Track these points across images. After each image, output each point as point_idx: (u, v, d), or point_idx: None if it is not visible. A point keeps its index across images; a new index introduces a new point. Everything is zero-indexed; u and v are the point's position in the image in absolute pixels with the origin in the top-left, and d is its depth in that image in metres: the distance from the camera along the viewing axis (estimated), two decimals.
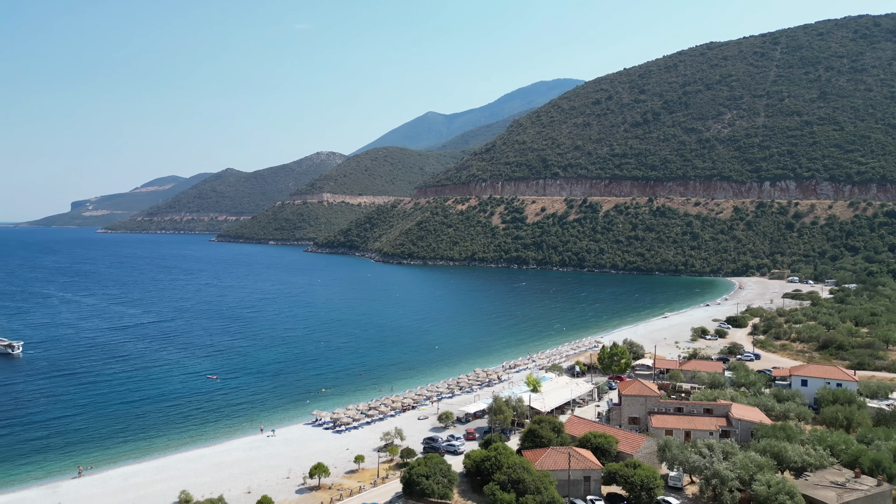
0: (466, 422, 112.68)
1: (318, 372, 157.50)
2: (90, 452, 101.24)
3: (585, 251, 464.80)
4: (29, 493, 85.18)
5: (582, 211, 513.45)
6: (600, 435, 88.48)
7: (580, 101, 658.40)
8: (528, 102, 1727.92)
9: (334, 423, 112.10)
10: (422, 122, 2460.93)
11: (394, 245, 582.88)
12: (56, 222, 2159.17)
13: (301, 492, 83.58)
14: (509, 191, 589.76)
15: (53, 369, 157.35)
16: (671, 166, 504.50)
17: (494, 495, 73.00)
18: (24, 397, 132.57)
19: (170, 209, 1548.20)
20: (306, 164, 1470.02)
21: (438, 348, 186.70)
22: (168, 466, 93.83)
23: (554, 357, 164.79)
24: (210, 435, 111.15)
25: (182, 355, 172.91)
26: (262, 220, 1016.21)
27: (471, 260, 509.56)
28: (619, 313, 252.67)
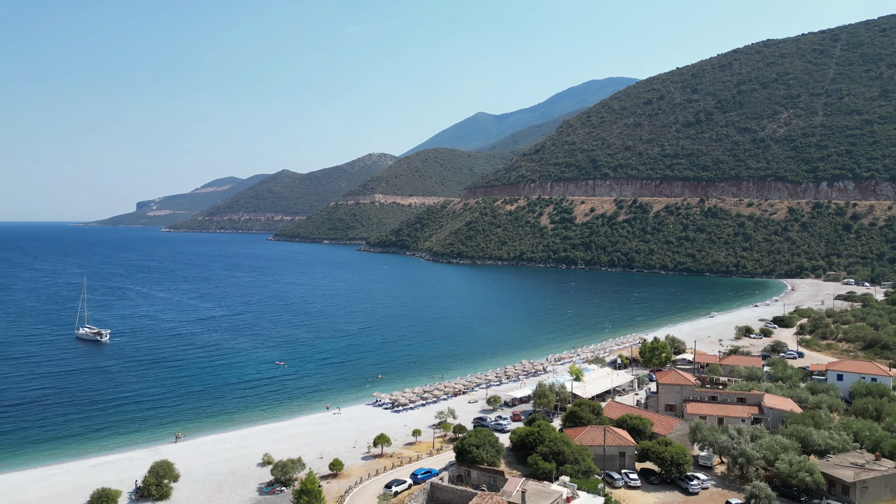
0: (513, 405, 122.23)
1: (376, 361, 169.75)
2: (182, 424, 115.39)
3: (635, 252, 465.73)
4: (136, 453, 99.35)
5: (632, 211, 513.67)
6: (636, 417, 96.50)
7: (631, 101, 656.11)
8: (578, 102, 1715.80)
9: (393, 404, 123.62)
10: (472, 122, 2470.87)
11: (443, 245, 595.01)
12: (123, 221, 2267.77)
13: (366, 458, 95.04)
14: (558, 191, 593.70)
15: (138, 355, 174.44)
16: (724, 166, 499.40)
17: (537, 464, 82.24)
18: (118, 378, 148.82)
19: (228, 209, 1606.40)
20: (358, 166, 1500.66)
21: (486, 342, 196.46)
22: (250, 435, 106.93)
23: (598, 351, 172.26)
24: (283, 412, 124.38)
25: (253, 345, 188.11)
26: (317, 220, 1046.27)
27: (519, 260, 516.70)
28: (664, 312, 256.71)
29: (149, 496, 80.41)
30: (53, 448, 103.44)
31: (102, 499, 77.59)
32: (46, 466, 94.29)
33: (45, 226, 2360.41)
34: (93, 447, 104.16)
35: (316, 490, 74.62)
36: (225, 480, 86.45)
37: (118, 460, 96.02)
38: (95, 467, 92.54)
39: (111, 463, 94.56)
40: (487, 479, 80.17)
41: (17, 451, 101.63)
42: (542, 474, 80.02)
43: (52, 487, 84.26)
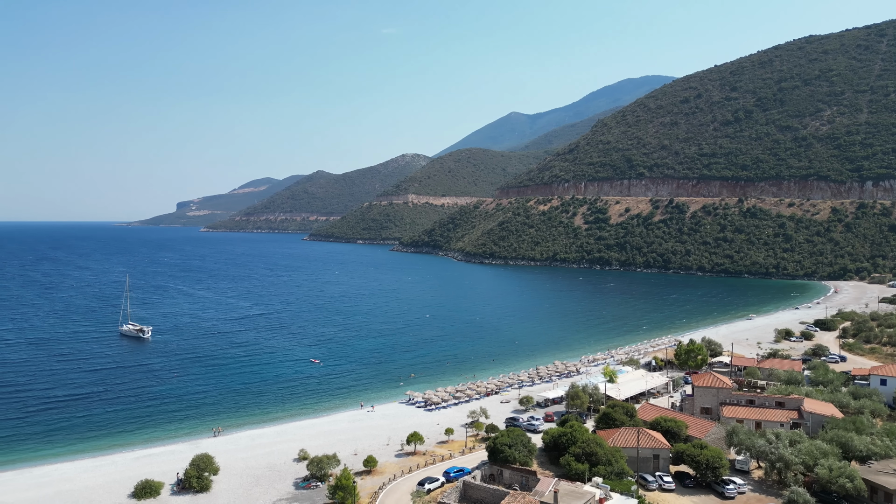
0: (545, 406, 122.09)
1: (409, 360, 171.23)
2: (221, 419, 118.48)
3: (671, 252, 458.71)
4: (177, 446, 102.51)
5: (668, 211, 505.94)
6: (670, 419, 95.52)
7: (667, 99, 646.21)
8: (613, 101, 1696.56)
9: (426, 403, 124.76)
10: (505, 122, 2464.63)
11: (476, 245, 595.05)
12: (163, 221, 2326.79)
13: (399, 456, 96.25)
14: (592, 191, 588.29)
15: (179, 352, 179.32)
16: (764, 166, 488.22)
17: (569, 465, 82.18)
18: (160, 374, 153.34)
19: (265, 209, 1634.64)
20: (392, 166, 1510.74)
21: (519, 343, 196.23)
22: (286, 431, 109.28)
23: (632, 353, 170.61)
24: (318, 409, 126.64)
25: (290, 343, 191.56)
26: (351, 220, 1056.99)
27: (552, 260, 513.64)
28: (701, 314, 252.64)
29: (190, 488, 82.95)
30: (100, 440, 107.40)
31: (146, 490, 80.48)
32: (93, 458, 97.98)
33: (91, 225, 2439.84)
34: (137, 440, 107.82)
35: (350, 486, 76.06)
36: (262, 474, 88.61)
37: (161, 453, 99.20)
38: (139, 459, 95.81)
39: (154, 455, 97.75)
40: (520, 479, 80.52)
41: (67, 443, 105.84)
42: (575, 475, 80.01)
43: (99, 478, 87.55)
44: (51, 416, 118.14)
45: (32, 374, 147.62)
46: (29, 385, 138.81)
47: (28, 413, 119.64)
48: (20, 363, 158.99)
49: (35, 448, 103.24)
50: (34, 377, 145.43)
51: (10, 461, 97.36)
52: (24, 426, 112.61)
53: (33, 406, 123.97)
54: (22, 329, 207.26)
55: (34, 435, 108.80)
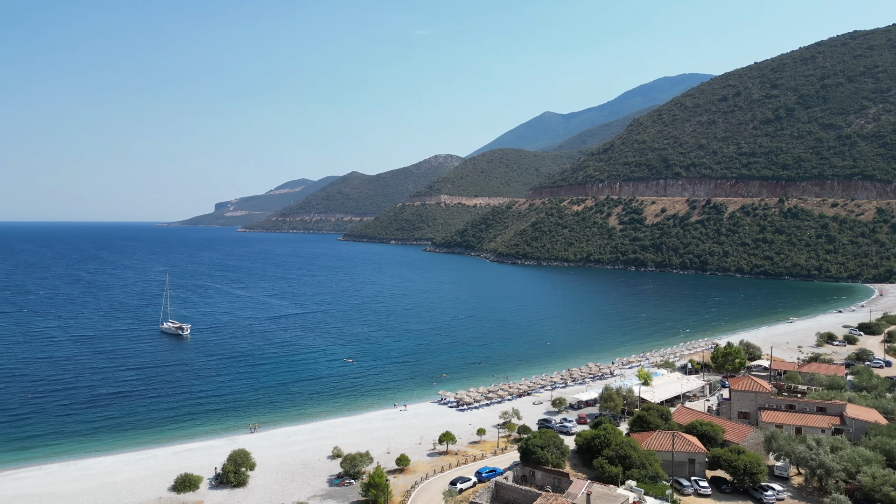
0: (578, 408, 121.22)
1: (442, 360, 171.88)
2: (257, 416, 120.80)
3: (708, 254, 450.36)
4: (215, 442, 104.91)
5: (705, 212, 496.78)
6: (707, 423, 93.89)
7: (705, 97, 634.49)
8: (649, 100, 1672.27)
9: (458, 403, 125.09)
10: (538, 122, 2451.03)
11: (508, 245, 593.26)
12: (202, 222, 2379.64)
13: (431, 455, 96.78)
14: (627, 191, 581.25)
15: (217, 349, 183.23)
16: (805, 165, 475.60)
17: (603, 467, 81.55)
18: (198, 371, 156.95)
19: (300, 210, 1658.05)
20: (425, 167, 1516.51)
21: (552, 344, 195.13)
22: (320, 429, 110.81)
23: (668, 356, 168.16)
24: (352, 407, 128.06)
25: (325, 343, 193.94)
26: (384, 221, 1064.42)
27: (586, 261, 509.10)
28: (739, 317, 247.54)
29: (227, 483, 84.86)
30: (141, 435, 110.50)
31: (186, 483, 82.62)
32: (135, 452, 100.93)
33: (134, 226, 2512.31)
34: (176, 435, 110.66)
35: (383, 484, 76.81)
36: (297, 471, 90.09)
37: (199, 448, 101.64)
38: (179, 454, 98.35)
39: (193, 450, 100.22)
40: (552, 481, 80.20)
41: (110, 437, 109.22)
42: (608, 478, 79.38)
43: (141, 471, 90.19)
44: (95, 412, 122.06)
45: (78, 371, 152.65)
46: (75, 381, 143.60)
47: (74, 408, 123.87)
48: (66, 360, 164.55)
49: (80, 441, 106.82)
50: (80, 373, 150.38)
51: (56, 453, 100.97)
52: (69, 421, 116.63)
53: (79, 401, 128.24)
54: (68, 326, 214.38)
55: (79, 429, 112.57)
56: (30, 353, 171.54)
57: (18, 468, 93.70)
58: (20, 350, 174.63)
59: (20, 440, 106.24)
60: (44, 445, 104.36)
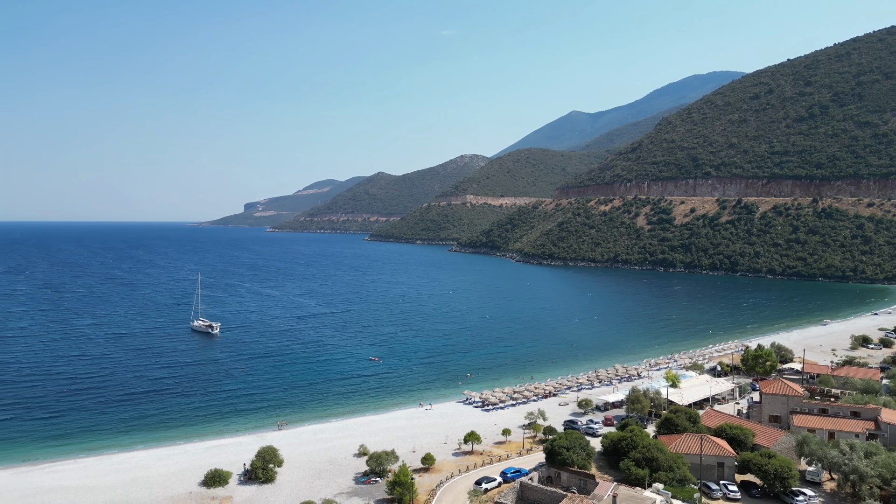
0: (605, 410, 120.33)
1: (467, 360, 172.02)
2: (285, 414, 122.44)
3: (739, 254, 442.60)
4: (244, 438, 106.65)
5: (736, 212, 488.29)
6: (736, 426, 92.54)
7: (736, 95, 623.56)
8: (678, 98, 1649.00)
9: (483, 403, 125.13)
10: (565, 121, 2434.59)
11: (534, 245, 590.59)
12: (232, 222, 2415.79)
13: (457, 455, 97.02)
14: (656, 191, 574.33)
15: (246, 347, 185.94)
16: (840, 164, 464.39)
17: (629, 470, 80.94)
18: (227, 369, 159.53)
19: (328, 210, 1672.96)
20: (451, 167, 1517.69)
21: (578, 345, 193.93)
22: (347, 427, 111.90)
23: (696, 357, 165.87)
24: (378, 406, 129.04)
25: (352, 342, 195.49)
26: (410, 221, 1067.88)
27: (613, 261, 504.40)
28: (771, 319, 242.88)
29: (256, 479, 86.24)
30: (173, 431, 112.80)
31: (216, 479, 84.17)
32: (167, 447, 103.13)
33: (166, 226, 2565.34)
34: (206, 431, 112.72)
35: (409, 482, 77.30)
36: (324, 468, 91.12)
37: (228, 444, 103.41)
38: (209, 449, 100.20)
39: (223, 446, 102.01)
40: (578, 482, 79.87)
41: (143, 433, 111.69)
42: (635, 480, 78.78)
43: (172, 466, 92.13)
44: (128, 408, 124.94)
45: (112, 368, 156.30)
46: (109, 378, 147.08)
47: (108, 404, 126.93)
48: (101, 357, 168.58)
49: (114, 437, 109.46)
50: (114, 371, 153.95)
51: (91, 448, 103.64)
52: (104, 416, 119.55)
53: (113, 398, 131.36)
54: (103, 324, 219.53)
55: (113, 425, 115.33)
56: (66, 350, 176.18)
57: (55, 461, 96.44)
58: (57, 347, 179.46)
59: (57, 435, 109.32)
60: (79, 440, 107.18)
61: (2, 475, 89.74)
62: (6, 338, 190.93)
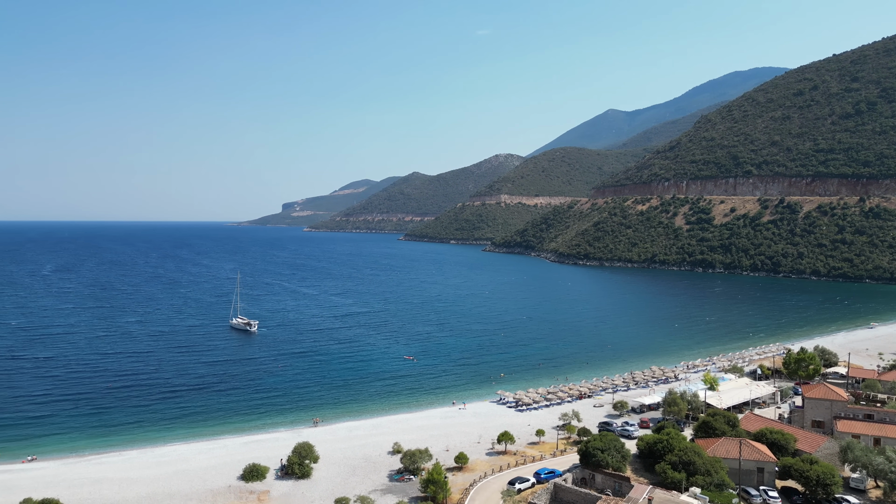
0: (641, 412, 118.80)
1: (501, 360, 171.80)
2: (320, 410, 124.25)
3: (781, 255, 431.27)
4: (281, 434, 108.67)
5: (778, 212, 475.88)
6: (777, 431, 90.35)
7: (779, 92, 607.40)
8: (719, 95, 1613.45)
9: (517, 403, 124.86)
10: (601, 120, 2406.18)
11: (569, 245, 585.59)
12: (270, 221, 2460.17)
13: (490, 454, 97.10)
14: (694, 190, 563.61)
15: (283, 345, 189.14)
16: (889, 162, 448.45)
17: (665, 473, 79.77)
18: (264, 365, 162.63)
19: (363, 210, 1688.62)
20: (485, 167, 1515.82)
21: (614, 346, 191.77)
22: (381, 425, 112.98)
23: (736, 360, 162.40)
24: (412, 404, 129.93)
25: (387, 341, 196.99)
26: (444, 221, 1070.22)
27: (650, 262, 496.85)
28: (815, 321, 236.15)
29: (292, 474, 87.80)
30: (212, 426, 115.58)
31: (253, 473, 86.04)
32: (207, 441, 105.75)
33: (207, 225, 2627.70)
34: (245, 426, 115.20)
35: (442, 481, 77.67)
36: (358, 465, 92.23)
37: (266, 439, 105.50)
38: (247, 444, 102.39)
39: (260, 441, 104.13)
40: (612, 484, 79.14)
41: (184, 427, 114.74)
42: (671, 483, 77.64)
43: (212, 460, 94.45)
44: (170, 402, 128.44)
45: (155, 364, 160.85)
46: (152, 374, 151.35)
47: (151, 399, 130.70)
48: (144, 353, 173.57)
49: (156, 430, 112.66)
50: (157, 367, 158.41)
51: (135, 441, 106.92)
52: (147, 411, 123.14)
53: (155, 393, 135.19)
54: (146, 322, 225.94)
55: (156, 418, 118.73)
56: (111, 346, 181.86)
57: (100, 454, 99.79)
58: (102, 344, 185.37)
59: (103, 428, 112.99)
60: (124, 434, 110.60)
61: (51, 466, 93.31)
62: (55, 334, 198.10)
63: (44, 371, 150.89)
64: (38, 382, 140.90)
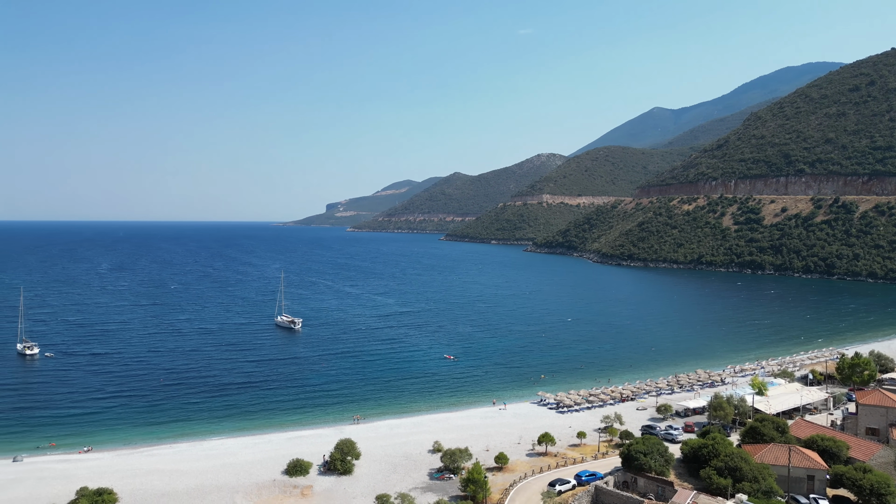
0: (685, 416, 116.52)
1: (543, 361, 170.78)
2: (361, 408, 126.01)
3: (835, 256, 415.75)
4: (323, 430, 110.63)
5: (832, 211, 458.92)
6: (828, 438, 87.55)
7: (833, 88, 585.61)
8: (770, 92, 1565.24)
9: (557, 404, 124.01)
10: (646, 118, 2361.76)
11: (613, 246, 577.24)
12: (314, 222, 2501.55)
13: (530, 455, 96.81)
14: (743, 189, 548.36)
15: (326, 343, 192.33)
16: None
17: (711, 478, 78.15)
18: (308, 363, 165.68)
19: (405, 210, 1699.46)
20: (527, 167, 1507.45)
21: (658, 349, 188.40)
22: (422, 423, 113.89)
23: (786, 364, 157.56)
24: (452, 403, 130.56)
25: (429, 341, 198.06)
26: (485, 221, 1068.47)
27: (697, 263, 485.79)
28: (871, 325, 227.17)
29: (334, 470, 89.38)
30: (258, 420, 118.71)
31: (297, 468, 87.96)
32: (253, 436, 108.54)
33: (254, 225, 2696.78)
34: (288, 422, 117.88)
35: (482, 480, 77.88)
36: (399, 463, 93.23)
37: (309, 435, 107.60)
38: (292, 440, 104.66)
39: (304, 437, 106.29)
40: (655, 489, 78.02)
41: (231, 421, 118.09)
42: (716, 490, 76.11)
43: (258, 454, 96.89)
44: (218, 398, 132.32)
45: (205, 361, 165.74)
46: (201, 370, 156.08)
47: (200, 394, 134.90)
48: (194, 350, 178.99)
49: (205, 424, 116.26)
50: (206, 363, 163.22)
51: (184, 434, 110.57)
52: (196, 405, 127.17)
53: (203, 388, 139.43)
54: (196, 320, 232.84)
55: (205, 413, 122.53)
56: (162, 343, 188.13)
57: (152, 446, 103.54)
58: (154, 341, 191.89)
59: (154, 422, 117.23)
60: (174, 427, 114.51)
61: (106, 457, 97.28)
62: (110, 331, 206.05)
63: (99, 367, 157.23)
64: (93, 378, 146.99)
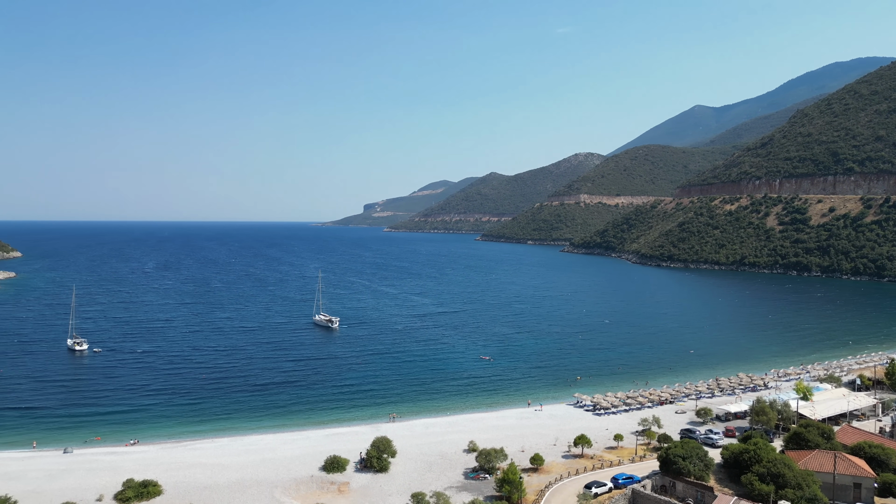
0: (726, 420, 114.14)
1: (579, 363, 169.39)
2: (397, 406, 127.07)
3: (887, 258, 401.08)
4: (360, 428, 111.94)
5: (883, 211, 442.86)
6: (877, 445, 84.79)
7: (885, 83, 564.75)
8: (817, 88, 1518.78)
9: (594, 406, 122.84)
10: (687, 116, 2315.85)
11: (652, 247, 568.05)
12: (352, 222, 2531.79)
13: (566, 457, 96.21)
14: (788, 189, 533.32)
15: (363, 342, 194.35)
16: None
17: (752, 484, 76.41)
18: (345, 361, 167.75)
19: (441, 210, 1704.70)
20: (564, 167, 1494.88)
21: (698, 351, 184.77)
22: (457, 423, 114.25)
23: (832, 369, 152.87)
24: (488, 403, 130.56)
25: (466, 341, 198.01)
26: (522, 221, 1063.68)
27: (739, 264, 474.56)
28: None
29: (371, 467, 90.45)
30: (297, 417, 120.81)
31: (334, 465, 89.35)
32: (292, 432, 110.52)
33: (294, 225, 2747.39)
34: (326, 419, 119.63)
35: (517, 481, 77.83)
36: (434, 461, 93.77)
37: (346, 433, 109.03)
38: (329, 437, 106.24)
39: (341, 434, 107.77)
40: (694, 494, 76.74)
41: (270, 418, 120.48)
42: (758, 496, 74.45)
43: (296, 450, 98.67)
44: (258, 395, 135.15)
45: (246, 358, 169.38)
46: (242, 367, 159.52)
47: (241, 391, 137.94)
48: (235, 349, 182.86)
49: (246, 420, 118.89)
50: (247, 361, 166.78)
51: (226, 429, 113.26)
52: (237, 402, 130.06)
53: (245, 385, 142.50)
54: (237, 318, 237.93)
55: (245, 409, 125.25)
56: (205, 341, 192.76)
57: (195, 440, 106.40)
58: (197, 339, 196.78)
59: (197, 417, 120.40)
60: (216, 423, 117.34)
61: (151, 449, 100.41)
62: (155, 329, 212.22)
63: (144, 363, 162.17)
64: (139, 373, 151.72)
